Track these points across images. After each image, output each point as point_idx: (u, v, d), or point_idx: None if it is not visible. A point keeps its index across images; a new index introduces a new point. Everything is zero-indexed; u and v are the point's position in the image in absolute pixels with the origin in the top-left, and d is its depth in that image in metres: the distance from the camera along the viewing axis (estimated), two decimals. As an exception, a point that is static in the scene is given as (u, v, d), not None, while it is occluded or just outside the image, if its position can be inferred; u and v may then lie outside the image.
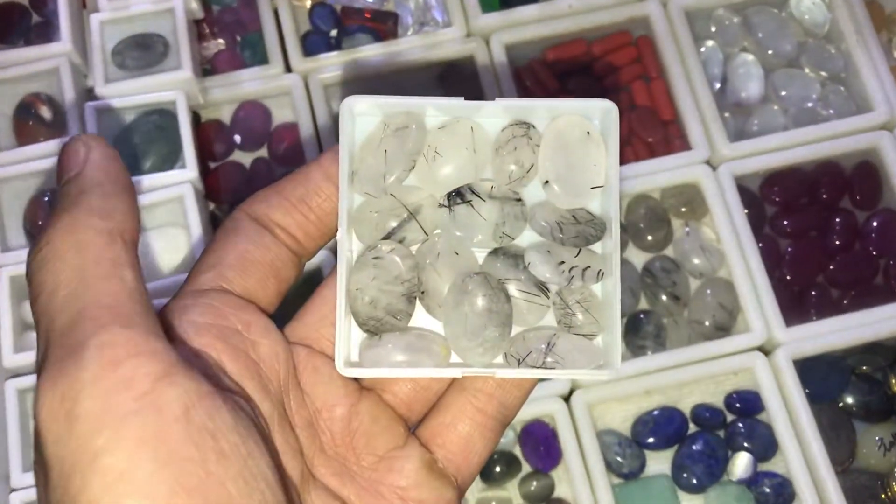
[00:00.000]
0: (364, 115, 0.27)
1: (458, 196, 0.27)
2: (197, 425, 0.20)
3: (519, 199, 0.27)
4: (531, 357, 0.26)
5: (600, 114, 0.27)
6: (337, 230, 0.26)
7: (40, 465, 0.20)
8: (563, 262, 0.26)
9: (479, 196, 0.27)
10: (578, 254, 0.26)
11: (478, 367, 0.26)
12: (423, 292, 0.27)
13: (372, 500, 0.26)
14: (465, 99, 0.27)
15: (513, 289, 0.27)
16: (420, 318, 0.27)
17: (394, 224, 0.26)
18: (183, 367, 0.21)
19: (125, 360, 0.20)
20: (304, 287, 0.49)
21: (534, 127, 0.27)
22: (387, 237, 0.26)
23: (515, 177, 0.27)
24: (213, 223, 0.53)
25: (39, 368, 0.21)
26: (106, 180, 0.23)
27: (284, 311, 0.28)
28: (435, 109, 0.27)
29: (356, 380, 0.27)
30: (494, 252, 0.27)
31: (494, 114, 0.27)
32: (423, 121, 0.27)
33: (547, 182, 0.27)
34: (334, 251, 0.54)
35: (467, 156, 0.27)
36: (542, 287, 0.27)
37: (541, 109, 0.27)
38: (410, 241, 0.27)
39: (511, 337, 0.26)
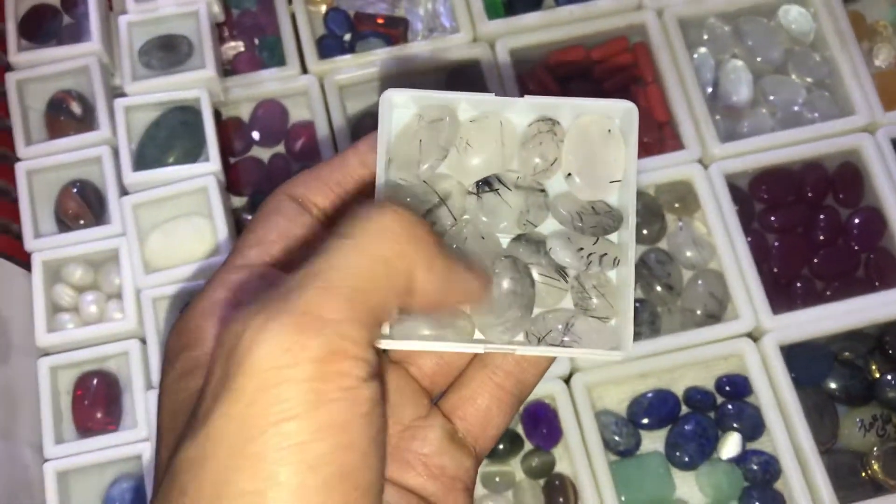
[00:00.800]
0: (400, 107, 0.29)
1: (486, 185, 0.28)
2: (374, 421, 0.22)
3: (542, 190, 0.29)
4: (550, 336, 0.27)
5: (621, 113, 0.29)
6: None
7: (219, 382, 0.21)
8: (581, 249, 0.28)
9: (505, 185, 0.28)
10: (596, 242, 0.28)
11: (500, 344, 0.28)
12: None
13: (397, 466, 0.27)
14: (494, 95, 0.29)
15: (534, 272, 0.28)
16: None
17: (425, 209, 0.28)
18: (376, 376, 0.22)
19: (349, 357, 0.21)
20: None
21: (559, 123, 0.29)
22: None
23: (540, 169, 0.28)
24: (234, 216, 0.56)
25: (286, 290, 0.22)
26: (459, 278, 0.25)
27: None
28: (467, 104, 0.29)
29: (384, 353, 0.28)
30: (518, 238, 0.29)
31: (522, 110, 0.29)
32: (456, 114, 0.29)
33: (569, 174, 0.28)
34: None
35: (496, 148, 0.28)
36: (562, 272, 0.28)
37: (566, 107, 0.29)
38: (441, 226, 0.28)
39: (532, 317, 0.28)
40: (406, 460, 0.27)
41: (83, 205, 0.54)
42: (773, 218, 0.57)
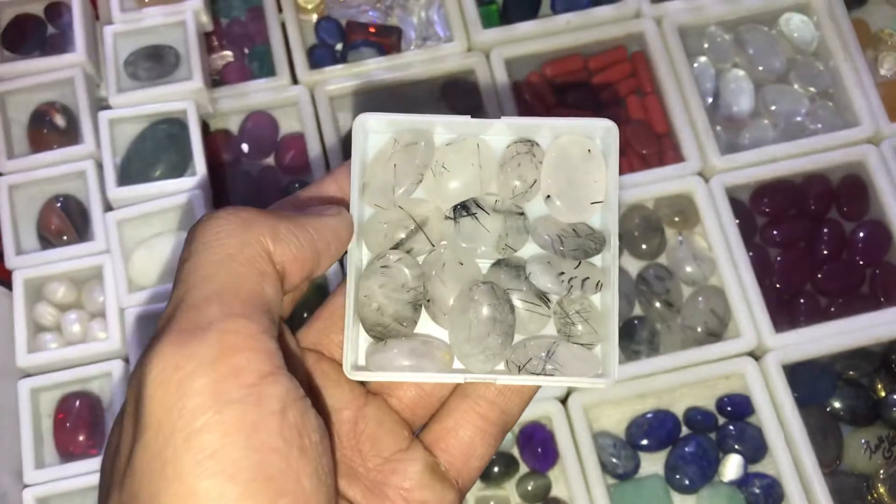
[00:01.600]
0: (375, 131, 0.28)
1: (463, 209, 0.28)
2: (289, 422, 0.21)
3: (522, 213, 0.28)
4: (531, 364, 0.27)
5: (601, 132, 0.28)
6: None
7: (132, 419, 0.22)
8: (562, 273, 0.27)
9: (483, 209, 0.28)
10: (578, 265, 0.27)
11: (480, 374, 0.27)
12: (428, 300, 0.28)
13: (377, 501, 0.27)
14: (472, 117, 0.28)
15: (515, 298, 0.27)
16: (425, 325, 0.28)
17: (402, 235, 0.28)
18: (285, 371, 0.22)
19: (241, 351, 0.21)
20: (314, 297, 0.51)
21: (537, 144, 0.28)
22: (395, 247, 0.27)
23: (519, 192, 0.28)
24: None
25: (160, 329, 0.22)
26: (308, 230, 0.25)
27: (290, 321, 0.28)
28: (443, 127, 0.28)
29: (363, 384, 0.28)
30: (497, 263, 0.28)
31: (500, 132, 0.28)
32: (431, 137, 0.28)
33: (549, 197, 0.28)
34: (341, 262, 0.55)
35: (473, 171, 0.28)
36: (544, 297, 0.28)
37: (544, 128, 0.28)
38: (418, 252, 0.28)
39: (513, 345, 0.27)
40: (386, 495, 0.27)
41: (66, 221, 0.53)
42: (775, 232, 0.55)
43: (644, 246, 0.55)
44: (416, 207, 0.28)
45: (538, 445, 0.51)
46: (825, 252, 0.55)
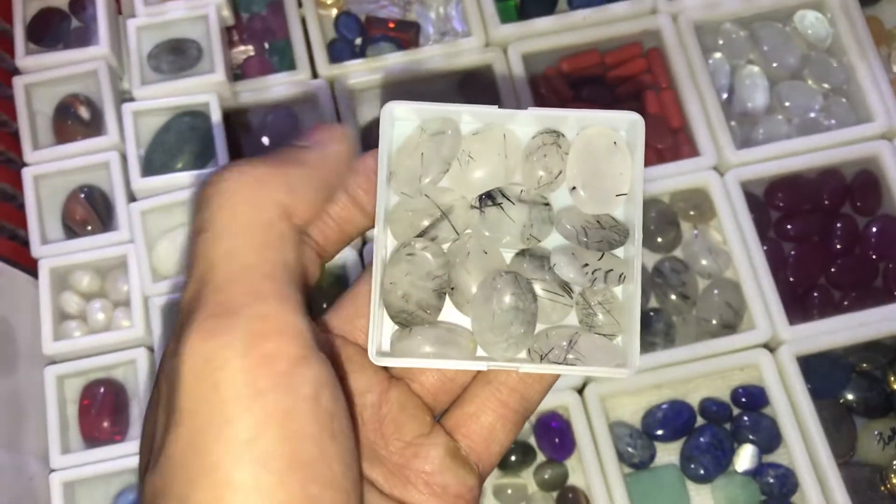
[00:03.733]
0: (402, 119, 0.28)
1: (488, 198, 0.28)
2: (322, 407, 0.21)
3: (547, 204, 0.28)
4: (553, 353, 0.27)
5: (627, 125, 0.28)
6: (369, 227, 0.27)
7: (164, 408, 0.22)
8: (586, 265, 0.27)
9: (508, 199, 0.28)
10: (602, 257, 0.27)
11: (502, 361, 0.27)
12: (452, 288, 0.28)
13: (399, 484, 0.27)
14: (497, 107, 0.28)
15: (538, 288, 0.28)
16: (449, 313, 0.28)
17: (427, 223, 0.27)
18: (317, 352, 0.22)
19: (272, 337, 0.21)
20: (333, 288, 0.52)
21: (563, 135, 0.28)
22: (420, 235, 0.28)
23: (544, 182, 0.28)
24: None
25: (187, 312, 0.22)
26: (319, 169, 0.24)
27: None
28: (470, 116, 0.28)
29: (386, 370, 0.28)
30: (521, 253, 0.28)
31: (526, 122, 0.28)
32: (458, 127, 0.28)
33: (574, 188, 0.28)
34: (359, 251, 0.56)
35: (499, 161, 0.28)
36: (567, 287, 0.28)
37: (570, 119, 0.28)
38: (442, 240, 0.28)
39: (535, 334, 0.27)
40: (408, 478, 0.27)
41: (91, 211, 0.54)
42: (789, 226, 0.56)
43: (660, 239, 0.55)
44: (441, 196, 0.28)
45: (555, 435, 0.51)
46: (839, 246, 0.56)
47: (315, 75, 0.59)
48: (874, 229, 0.56)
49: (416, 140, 0.28)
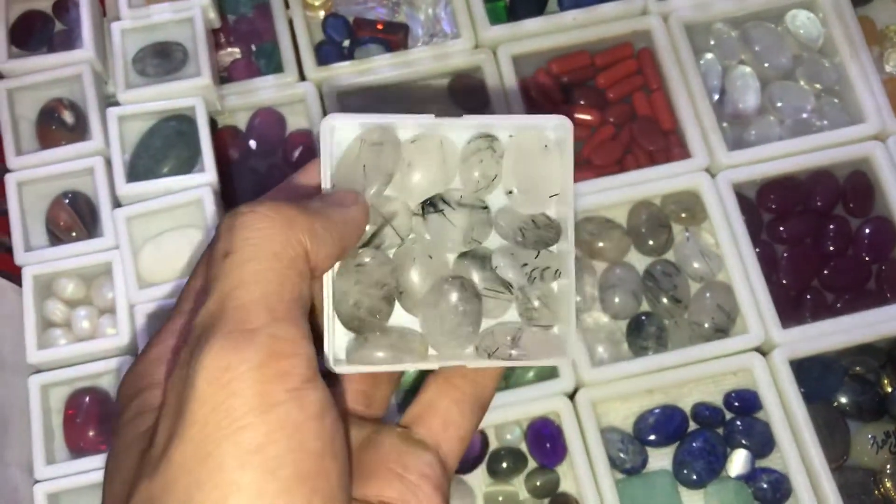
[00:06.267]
0: (342, 130, 0.29)
1: (431, 206, 0.29)
2: (326, 426, 0.23)
3: (485, 207, 0.30)
4: (499, 351, 0.29)
5: (556, 128, 0.30)
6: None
7: (172, 416, 0.22)
8: (525, 264, 0.29)
9: (449, 205, 0.29)
10: (538, 255, 0.30)
11: (453, 360, 0.29)
12: (400, 293, 0.29)
13: (361, 483, 0.27)
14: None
15: (481, 287, 0.30)
16: (398, 314, 0.30)
17: (371, 230, 0.29)
18: (320, 377, 0.23)
19: (287, 357, 0.22)
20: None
21: (497, 139, 0.30)
22: (366, 244, 0.29)
23: (481, 186, 0.30)
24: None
25: (207, 325, 0.23)
26: (338, 227, 0.26)
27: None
28: (407, 126, 0.30)
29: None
30: (464, 254, 0.30)
31: (461, 129, 0.30)
32: (396, 137, 0.29)
33: (511, 192, 0.30)
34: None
35: (437, 167, 0.29)
36: (507, 284, 0.30)
37: (502, 125, 0.30)
38: (388, 245, 0.29)
39: (481, 332, 0.29)
40: (369, 473, 0.27)
41: (75, 217, 0.53)
42: (781, 228, 0.56)
43: (651, 242, 0.55)
44: (384, 205, 0.29)
45: (546, 441, 0.51)
46: (831, 248, 0.55)
47: (303, 78, 0.58)
48: (867, 231, 0.56)
49: (356, 151, 0.29)
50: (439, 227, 0.29)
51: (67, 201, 0.53)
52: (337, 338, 0.29)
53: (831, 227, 0.56)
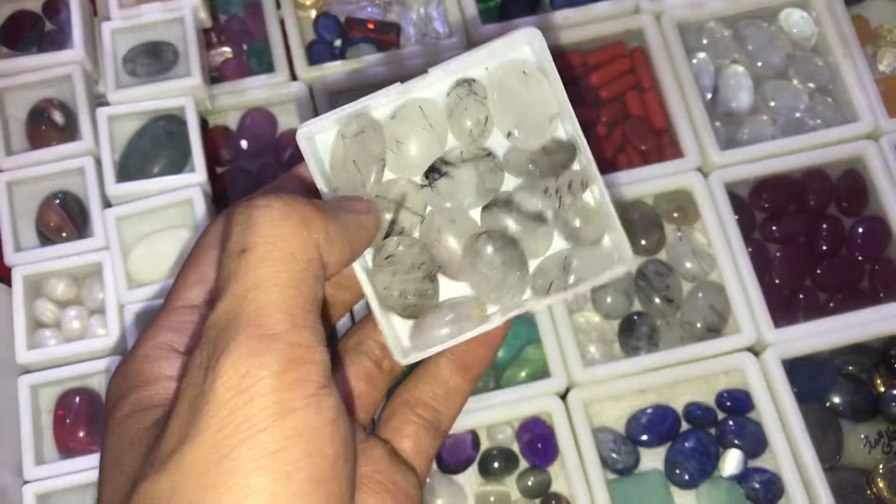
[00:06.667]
0: (320, 133, 0.29)
1: (434, 172, 0.28)
2: (340, 431, 0.23)
3: (489, 153, 0.29)
4: (555, 284, 0.28)
5: (526, 40, 0.28)
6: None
7: (185, 415, 0.22)
8: (546, 189, 0.28)
9: (453, 165, 0.28)
10: (559, 177, 0.29)
11: (514, 309, 0.28)
12: (440, 267, 0.29)
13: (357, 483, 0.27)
14: (399, 84, 0.28)
15: (515, 229, 0.28)
16: (446, 285, 0.29)
17: (389, 217, 0.28)
18: (333, 382, 0.23)
19: (305, 364, 0.22)
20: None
21: (475, 81, 0.28)
22: (388, 234, 0.28)
23: (476, 133, 0.28)
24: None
25: (223, 327, 0.22)
26: (351, 231, 0.26)
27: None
28: (379, 104, 0.28)
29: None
30: (487, 206, 0.29)
31: (433, 84, 0.29)
32: (374, 119, 0.28)
33: (510, 134, 0.28)
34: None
35: (427, 133, 0.28)
36: (540, 217, 0.29)
37: (471, 63, 0.28)
38: (410, 227, 0.29)
39: (531, 273, 0.29)
40: (359, 483, 0.27)
41: (65, 217, 0.53)
42: (774, 227, 0.55)
43: (643, 241, 0.55)
44: (390, 189, 0.28)
45: (538, 441, 0.51)
46: (824, 247, 0.55)
47: (294, 77, 0.58)
48: (860, 230, 0.55)
49: (342, 149, 0.28)
50: (451, 189, 0.28)
51: (57, 202, 0.53)
52: (397, 330, 0.28)
53: (824, 226, 0.55)
